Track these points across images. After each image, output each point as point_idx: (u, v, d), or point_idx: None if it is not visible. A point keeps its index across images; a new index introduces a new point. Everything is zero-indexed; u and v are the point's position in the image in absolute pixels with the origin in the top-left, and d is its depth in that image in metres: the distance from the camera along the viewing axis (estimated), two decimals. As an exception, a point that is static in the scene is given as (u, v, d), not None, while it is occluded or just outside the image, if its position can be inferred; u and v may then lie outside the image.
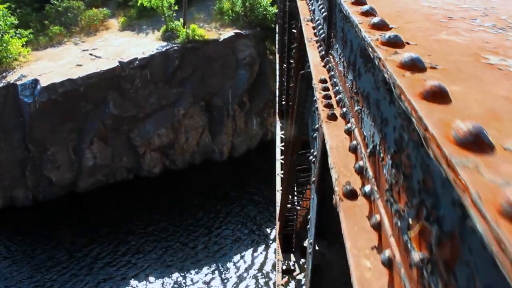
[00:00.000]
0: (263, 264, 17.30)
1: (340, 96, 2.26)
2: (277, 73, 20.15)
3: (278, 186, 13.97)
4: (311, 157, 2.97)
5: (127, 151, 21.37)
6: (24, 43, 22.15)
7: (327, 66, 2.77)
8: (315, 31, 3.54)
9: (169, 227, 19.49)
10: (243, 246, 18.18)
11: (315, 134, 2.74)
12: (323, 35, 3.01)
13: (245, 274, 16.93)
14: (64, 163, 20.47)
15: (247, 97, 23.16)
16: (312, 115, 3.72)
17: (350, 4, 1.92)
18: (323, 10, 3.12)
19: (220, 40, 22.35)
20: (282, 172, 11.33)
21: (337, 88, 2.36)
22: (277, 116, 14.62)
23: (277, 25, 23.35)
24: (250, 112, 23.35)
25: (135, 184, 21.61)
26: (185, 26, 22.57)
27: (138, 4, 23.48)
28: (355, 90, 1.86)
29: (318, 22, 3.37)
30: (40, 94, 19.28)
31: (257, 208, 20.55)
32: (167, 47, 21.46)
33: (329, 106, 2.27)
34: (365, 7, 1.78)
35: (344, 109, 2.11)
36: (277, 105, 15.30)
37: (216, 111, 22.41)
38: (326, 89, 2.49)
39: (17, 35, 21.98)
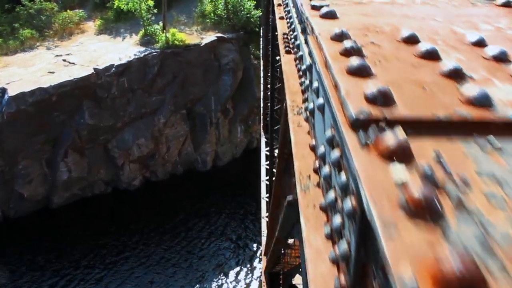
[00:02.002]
0: (248, 285, 16.50)
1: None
2: (261, 81, 19.30)
3: (264, 212, 13.12)
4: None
5: (105, 163, 20.25)
6: (-8, 47, 20.76)
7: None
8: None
9: (150, 243, 18.52)
10: (227, 266, 17.34)
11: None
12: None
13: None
14: (36, 177, 19.24)
15: (231, 103, 22.26)
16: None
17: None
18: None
19: (201, 44, 21.35)
20: (268, 196, 10.50)
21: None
22: (261, 130, 13.73)
23: (261, 28, 22.50)
24: (235, 119, 22.46)
25: (114, 197, 20.52)
26: (165, 30, 21.47)
27: (115, 7, 22.26)
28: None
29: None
30: (8, 104, 17.98)
31: (243, 223, 19.73)
32: (146, 53, 20.36)
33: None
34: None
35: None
36: (261, 117, 14.44)
37: (199, 119, 21.45)
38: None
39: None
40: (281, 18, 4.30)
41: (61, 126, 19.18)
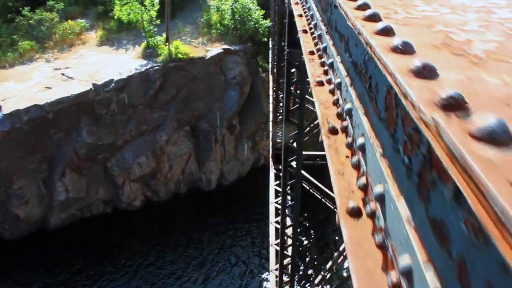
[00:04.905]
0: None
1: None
2: (270, 97, 18.15)
3: (272, 239, 11.92)
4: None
5: (104, 182, 19.26)
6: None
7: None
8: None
9: (151, 266, 17.50)
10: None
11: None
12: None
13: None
14: (32, 197, 18.34)
15: (237, 119, 21.10)
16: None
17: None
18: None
19: (206, 57, 20.24)
20: (277, 243, 9.30)
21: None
22: (270, 161, 12.49)
23: (270, 39, 21.33)
24: (241, 135, 21.30)
25: (114, 218, 19.50)
26: (168, 42, 20.41)
27: (116, 18, 21.31)
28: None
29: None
30: (2, 122, 17.11)
31: (250, 247, 18.55)
32: (147, 67, 19.33)
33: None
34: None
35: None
36: (270, 143, 13.20)
37: (203, 136, 20.34)
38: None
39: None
40: (305, 31, 3.28)
41: (58, 144, 18.26)
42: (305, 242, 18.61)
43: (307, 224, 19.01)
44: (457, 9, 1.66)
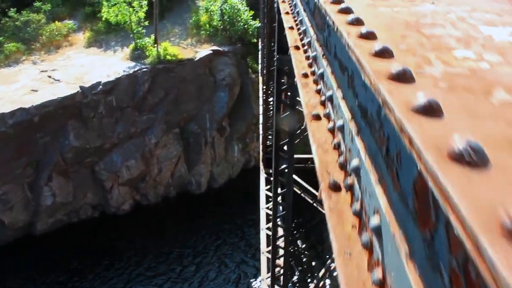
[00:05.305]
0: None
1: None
2: (260, 100, 18.02)
3: (263, 246, 11.74)
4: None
5: (92, 186, 18.96)
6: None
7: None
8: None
9: (141, 270, 17.24)
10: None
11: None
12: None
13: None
14: (18, 202, 17.98)
15: (227, 121, 20.92)
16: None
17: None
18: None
19: (195, 59, 20.04)
20: (269, 250, 9.14)
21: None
22: (261, 164, 12.31)
23: (259, 40, 21.20)
24: (231, 137, 21.12)
25: (102, 222, 19.20)
26: (157, 44, 20.17)
27: (104, 19, 21.01)
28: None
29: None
30: (-14, 126, 16.76)
31: (241, 250, 18.36)
32: (136, 69, 19.07)
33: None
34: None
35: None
36: (260, 147, 13.04)
37: (193, 139, 20.13)
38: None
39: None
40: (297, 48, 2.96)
41: (44, 148, 17.93)
42: (298, 247, 18.46)
43: (300, 229, 18.88)
44: (508, 55, 1.23)
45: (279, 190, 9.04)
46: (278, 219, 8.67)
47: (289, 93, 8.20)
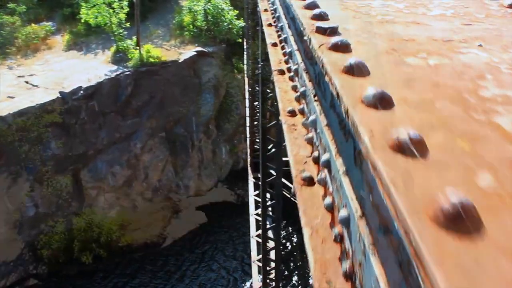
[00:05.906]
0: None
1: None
2: (247, 101, 17.73)
3: (254, 255, 11.48)
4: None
5: (76, 195, 18.33)
6: None
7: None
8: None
9: (129, 280, 16.82)
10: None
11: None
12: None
13: None
14: (-2, 214, 17.24)
15: (213, 123, 20.55)
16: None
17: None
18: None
19: (180, 60, 19.57)
20: (258, 258, 8.86)
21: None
22: (249, 169, 12.03)
23: (244, 40, 20.86)
24: (218, 139, 20.76)
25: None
26: (139, 46, 19.61)
27: (83, 21, 20.31)
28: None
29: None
30: (-39, 136, 16.00)
31: (232, 256, 18.08)
32: (118, 72, 18.50)
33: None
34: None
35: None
36: (248, 150, 12.75)
37: (179, 142, 19.69)
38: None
39: None
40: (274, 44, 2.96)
41: (25, 157, 17.23)
42: (288, 248, 18.28)
43: (290, 230, 18.70)
44: None
45: (267, 198, 8.79)
46: (269, 232, 8.42)
47: (275, 103, 7.95)
